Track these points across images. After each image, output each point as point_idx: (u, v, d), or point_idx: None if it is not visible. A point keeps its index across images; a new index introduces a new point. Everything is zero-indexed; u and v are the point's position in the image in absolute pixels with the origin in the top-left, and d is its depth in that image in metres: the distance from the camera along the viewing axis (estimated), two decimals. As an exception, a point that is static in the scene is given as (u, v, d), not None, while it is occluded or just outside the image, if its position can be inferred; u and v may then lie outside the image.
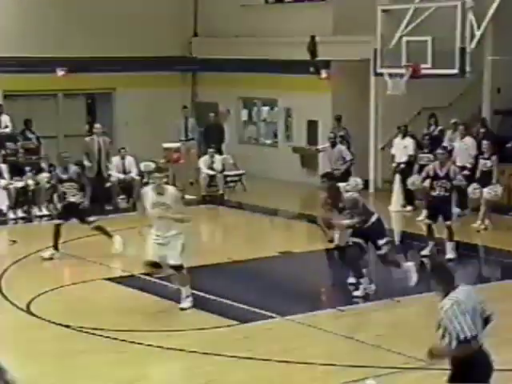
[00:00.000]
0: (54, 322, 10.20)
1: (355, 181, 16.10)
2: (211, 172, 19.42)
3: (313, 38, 19.62)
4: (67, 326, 10.04)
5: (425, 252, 13.34)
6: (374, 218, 11.15)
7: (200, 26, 23.16)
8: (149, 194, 10.50)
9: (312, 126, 20.59)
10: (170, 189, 10.61)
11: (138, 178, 18.49)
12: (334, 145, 16.60)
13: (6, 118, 19.28)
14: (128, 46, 21.37)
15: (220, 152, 20.12)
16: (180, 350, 9.20)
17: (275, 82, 20.86)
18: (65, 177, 13.76)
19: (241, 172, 20.18)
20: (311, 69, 20.06)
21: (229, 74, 21.72)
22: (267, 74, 20.98)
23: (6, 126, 19.22)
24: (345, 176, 16.10)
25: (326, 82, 19.92)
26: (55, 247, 13.46)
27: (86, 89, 21.77)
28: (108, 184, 18.08)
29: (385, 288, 11.44)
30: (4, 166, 17.48)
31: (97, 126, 18.80)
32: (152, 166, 19.26)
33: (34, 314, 10.59)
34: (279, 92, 21.01)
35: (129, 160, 18.57)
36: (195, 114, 21.97)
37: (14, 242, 14.94)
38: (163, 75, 22.22)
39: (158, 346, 9.31)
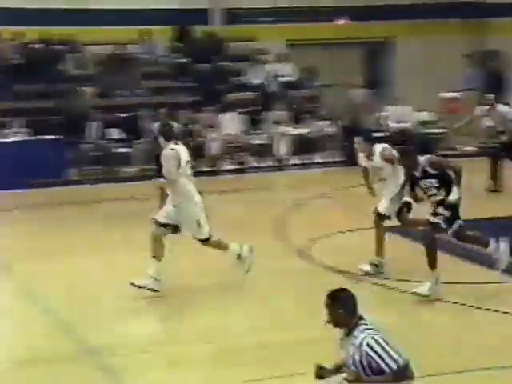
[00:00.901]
0: (327, 267, 10.37)
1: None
2: (490, 123, 18.62)
3: None
4: (339, 271, 10.20)
5: None
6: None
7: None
8: (181, 151, 9.32)
9: None
10: None
11: (412, 127, 18.30)
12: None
13: (289, 67, 19.84)
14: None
15: (503, 102, 19.22)
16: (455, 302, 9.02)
17: None
18: None
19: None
20: None
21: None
22: None
23: (289, 75, 19.78)
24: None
25: None
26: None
27: (365, 37, 21.76)
28: (378, 134, 18.14)
29: None
30: (286, 114, 18.09)
31: (355, 78, 18.90)
32: (426, 116, 18.99)
33: (309, 258, 10.82)
34: None
35: (405, 109, 18.43)
36: (479, 62, 21.15)
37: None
38: (445, 22, 21.59)
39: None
